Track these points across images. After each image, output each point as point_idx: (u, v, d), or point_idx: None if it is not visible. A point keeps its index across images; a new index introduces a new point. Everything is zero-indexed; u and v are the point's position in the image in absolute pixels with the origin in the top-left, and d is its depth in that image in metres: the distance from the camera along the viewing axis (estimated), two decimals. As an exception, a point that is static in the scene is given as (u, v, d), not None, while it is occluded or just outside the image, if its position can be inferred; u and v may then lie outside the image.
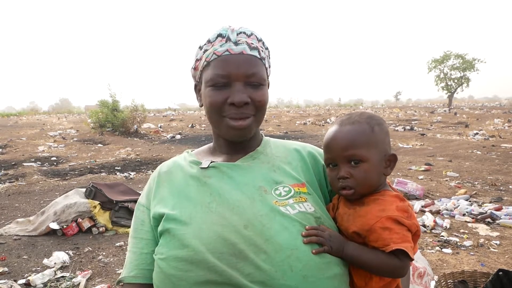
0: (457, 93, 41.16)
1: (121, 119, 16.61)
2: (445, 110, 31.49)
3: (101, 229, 4.62)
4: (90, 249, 4.14)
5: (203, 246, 0.88)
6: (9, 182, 7.65)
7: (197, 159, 1.10)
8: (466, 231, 4.41)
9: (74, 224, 4.55)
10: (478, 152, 10.95)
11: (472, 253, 3.81)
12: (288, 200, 0.96)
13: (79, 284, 3.32)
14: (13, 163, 9.85)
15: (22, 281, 3.36)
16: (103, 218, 4.71)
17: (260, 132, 1.17)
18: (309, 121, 23.60)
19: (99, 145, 13.88)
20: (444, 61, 39.40)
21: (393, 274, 0.93)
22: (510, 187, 6.69)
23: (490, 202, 5.57)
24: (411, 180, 6.49)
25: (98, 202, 4.77)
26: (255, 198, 0.96)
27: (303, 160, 1.11)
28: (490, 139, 14.29)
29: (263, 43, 1.05)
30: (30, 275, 3.45)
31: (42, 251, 4.09)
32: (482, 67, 38.86)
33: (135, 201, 1.05)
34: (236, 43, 0.98)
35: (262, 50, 1.03)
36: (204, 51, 1.01)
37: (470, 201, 5.65)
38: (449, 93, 40.38)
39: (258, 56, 1.01)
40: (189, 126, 20.53)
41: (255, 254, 0.86)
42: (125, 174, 8.50)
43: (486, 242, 4.08)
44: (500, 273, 2.33)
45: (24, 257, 3.95)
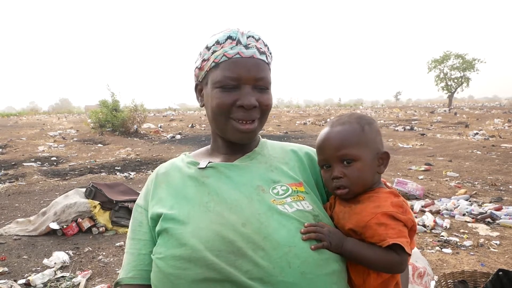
0: (457, 93, 41.18)
1: (121, 119, 16.62)
2: (445, 110, 31.49)
3: (101, 229, 4.62)
4: (90, 249, 4.14)
5: (201, 244, 0.89)
6: (9, 182, 7.65)
7: (195, 160, 1.11)
8: (466, 231, 4.42)
9: (74, 224, 4.56)
10: (478, 152, 10.95)
11: (472, 253, 3.81)
12: (286, 199, 0.97)
13: (79, 284, 3.32)
14: (13, 163, 9.85)
15: (22, 281, 3.36)
16: (103, 218, 4.72)
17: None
18: (309, 121, 23.61)
19: (99, 145, 13.88)
20: (444, 61, 39.41)
21: (392, 269, 0.93)
22: (510, 187, 6.69)
23: (490, 202, 5.57)
24: (411, 180, 6.49)
25: (98, 202, 4.78)
26: (253, 197, 0.97)
27: (300, 161, 1.12)
28: (490, 139, 14.29)
29: (268, 48, 1.07)
30: (30, 275, 3.45)
31: (42, 251, 4.09)
32: (482, 67, 38.94)
33: (135, 201, 1.06)
34: (246, 47, 0.99)
35: (268, 55, 1.05)
36: (212, 52, 1.01)
37: (470, 201, 5.65)
38: (449, 93, 40.39)
39: (266, 61, 1.03)
40: (189, 126, 20.53)
41: (253, 251, 0.87)
42: (125, 174, 8.50)
43: (486, 242, 4.08)
44: (500, 273, 2.33)
45: (24, 257, 3.95)
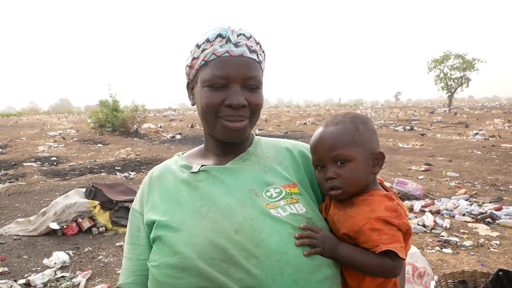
0: (457, 93, 41.18)
1: (121, 119, 16.62)
2: (445, 110, 31.49)
3: (101, 229, 4.62)
4: (90, 249, 4.14)
5: (194, 252, 0.88)
6: (9, 182, 7.66)
7: (187, 163, 1.08)
8: (466, 231, 4.42)
9: (74, 224, 4.56)
10: (478, 152, 10.95)
11: (472, 253, 3.81)
12: (279, 202, 0.95)
13: (79, 284, 3.32)
14: (13, 163, 9.85)
15: (22, 281, 3.36)
16: (103, 218, 4.72)
17: (252, 132, 1.14)
18: (309, 121, 23.61)
19: (99, 145, 13.88)
20: (444, 61, 39.40)
21: (386, 274, 0.92)
22: (510, 187, 6.69)
23: (490, 202, 5.57)
24: (411, 180, 6.49)
25: (98, 202, 4.78)
26: (245, 202, 0.95)
27: (294, 160, 1.09)
28: (490, 139, 14.29)
29: (261, 46, 1.04)
30: (30, 275, 3.45)
31: (42, 251, 4.09)
32: (482, 67, 38.87)
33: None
34: (236, 45, 0.97)
35: (260, 54, 1.03)
36: (202, 50, 0.99)
37: (470, 201, 5.65)
38: (449, 93, 40.39)
39: (257, 59, 1.00)
40: (189, 126, 20.53)
41: (245, 259, 0.86)
42: (125, 174, 8.50)
43: (486, 242, 4.08)
44: (500, 273, 2.33)
45: (24, 257, 3.95)
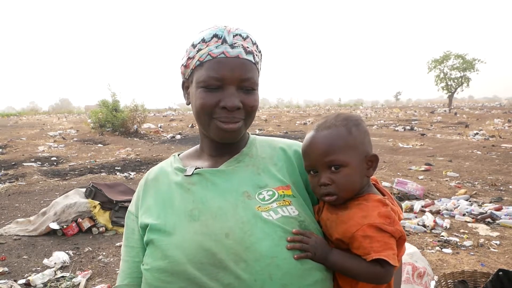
0: (457, 93, 41.17)
1: (121, 119, 16.61)
2: (445, 110, 31.50)
3: (101, 229, 4.62)
4: (90, 249, 4.14)
5: (184, 256, 0.88)
6: (9, 182, 7.65)
7: (182, 166, 1.08)
8: (466, 231, 4.41)
9: (74, 224, 4.56)
10: (478, 152, 10.94)
11: (472, 253, 3.81)
12: (271, 204, 0.94)
13: (79, 284, 3.32)
14: (13, 163, 9.85)
15: (22, 281, 3.36)
16: (103, 218, 4.72)
17: (247, 131, 1.13)
18: (309, 121, 23.60)
19: (99, 145, 13.88)
20: (444, 61, 39.40)
21: (376, 281, 0.91)
22: (510, 187, 6.69)
23: (490, 202, 5.57)
24: (411, 180, 6.49)
25: (98, 202, 4.78)
26: (238, 205, 0.94)
27: (289, 161, 1.07)
28: (490, 139, 14.28)
29: (257, 46, 1.03)
30: (30, 275, 3.45)
31: (42, 251, 4.09)
32: (482, 67, 38.87)
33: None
34: (232, 46, 0.96)
35: (256, 54, 1.01)
36: (198, 50, 0.98)
37: (470, 201, 5.65)
38: (449, 93, 40.38)
39: (253, 60, 0.99)
40: (189, 126, 20.52)
41: (235, 264, 0.85)
42: (125, 174, 8.50)
43: (486, 242, 4.08)
44: (500, 273, 2.33)
45: (24, 257, 3.95)
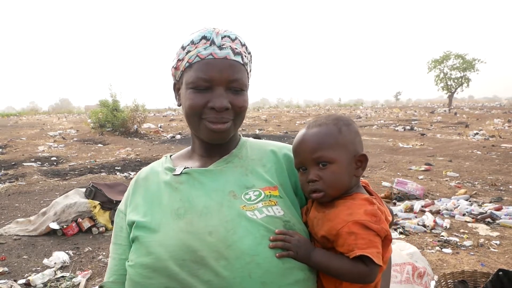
0: (457, 93, 41.20)
1: (121, 119, 16.62)
2: (445, 110, 31.50)
3: (101, 229, 4.62)
4: (90, 249, 4.14)
5: (166, 253, 0.89)
6: (9, 182, 7.65)
7: (172, 166, 1.09)
8: (466, 231, 4.42)
9: (74, 224, 4.56)
10: (478, 152, 10.95)
11: (472, 253, 3.81)
12: (257, 204, 0.95)
13: (79, 284, 3.32)
14: (13, 163, 9.85)
15: (22, 281, 3.36)
16: (103, 218, 4.72)
17: (238, 132, 1.15)
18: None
19: (99, 145, 13.88)
20: (444, 61, 39.42)
21: (360, 281, 0.90)
22: (510, 187, 6.69)
23: (490, 202, 5.57)
24: (411, 180, 6.50)
25: (98, 202, 4.78)
26: (223, 204, 0.95)
27: (278, 163, 1.08)
28: (490, 139, 14.29)
29: (246, 47, 1.04)
30: (30, 275, 3.46)
31: (42, 251, 4.09)
32: (482, 67, 38.93)
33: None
34: (220, 47, 0.97)
35: (245, 55, 1.02)
36: (187, 52, 1.00)
37: (470, 201, 5.65)
38: (449, 93, 40.42)
39: (241, 61, 1.00)
40: (189, 126, 20.50)
41: (215, 261, 0.86)
42: (125, 174, 8.49)
43: (486, 242, 4.08)
44: (500, 273, 2.33)
45: (24, 257, 3.95)
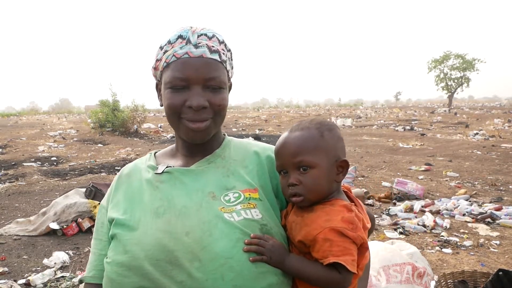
0: (457, 93, 41.23)
1: (121, 119, 16.62)
2: (445, 110, 31.51)
3: (101, 229, 4.62)
4: (90, 249, 4.14)
5: (142, 252, 0.89)
6: (9, 182, 7.65)
7: (154, 164, 1.09)
8: (466, 231, 4.42)
9: (74, 224, 4.56)
10: (478, 152, 10.95)
11: (472, 253, 3.81)
12: (235, 206, 0.94)
13: (79, 284, 3.32)
14: (13, 163, 9.85)
15: (22, 281, 3.36)
16: (103, 218, 4.72)
17: (222, 132, 1.16)
18: (309, 121, 23.58)
19: (99, 145, 13.88)
20: (444, 61, 39.44)
21: (333, 287, 0.90)
22: (510, 187, 6.69)
23: (490, 202, 5.57)
24: (411, 180, 6.49)
25: (98, 202, 4.78)
26: (202, 204, 0.95)
27: (261, 164, 1.07)
28: (490, 139, 14.29)
29: (225, 45, 1.03)
30: (30, 275, 3.45)
31: (42, 251, 4.09)
32: (482, 67, 38.93)
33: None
34: (196, 46, 0.97)
35: (224, 53, 1.01)
36: (164, 52, 1.00)
37: (470, 201, 5.65)
38: (449, 93, 40.43)
39: (219, 59, 0.99)
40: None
41: (189, 262, 0.86)
42: (125, 174, 8.50)
43: (486, 242, 4.08)
44: (500, 273, 2.33)
45: (24, 257, 3.95)
